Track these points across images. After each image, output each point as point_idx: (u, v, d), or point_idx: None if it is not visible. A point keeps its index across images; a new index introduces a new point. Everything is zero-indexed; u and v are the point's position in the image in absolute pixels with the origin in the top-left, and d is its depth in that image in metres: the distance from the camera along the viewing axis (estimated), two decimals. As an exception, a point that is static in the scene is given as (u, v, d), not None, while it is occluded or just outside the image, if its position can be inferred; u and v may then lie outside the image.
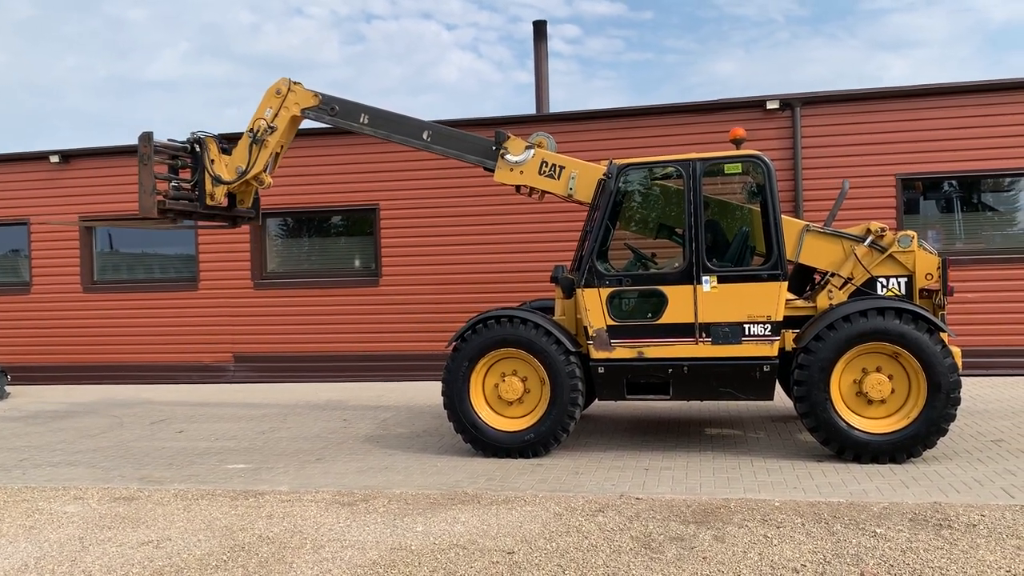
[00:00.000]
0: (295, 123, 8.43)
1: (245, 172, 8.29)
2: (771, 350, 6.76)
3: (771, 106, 11.47)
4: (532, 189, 7.89)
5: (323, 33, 60.06)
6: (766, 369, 6.75)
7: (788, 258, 6.93)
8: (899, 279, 7.01)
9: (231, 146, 8.47)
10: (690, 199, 6.92)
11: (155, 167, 8.00)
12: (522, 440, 7.10)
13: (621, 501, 5.73)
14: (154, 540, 5.28)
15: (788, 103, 11.47)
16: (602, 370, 7.08)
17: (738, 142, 7.36)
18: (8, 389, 12.79)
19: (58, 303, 14.02)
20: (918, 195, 11.51)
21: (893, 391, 6.49)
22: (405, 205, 12.69)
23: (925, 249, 7.04)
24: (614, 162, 7.28)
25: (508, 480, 6.46)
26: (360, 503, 5.95)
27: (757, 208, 7.54)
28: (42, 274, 14.11)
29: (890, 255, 7.00)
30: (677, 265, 7.07)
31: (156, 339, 13.62)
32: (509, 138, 7.79)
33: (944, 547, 4.59)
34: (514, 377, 7.20)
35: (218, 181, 8.34)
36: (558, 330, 7.08)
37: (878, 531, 4.89)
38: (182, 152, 8.36)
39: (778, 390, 7.81)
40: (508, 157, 7.76)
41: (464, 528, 5.27)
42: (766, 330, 6.74)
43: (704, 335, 6.84)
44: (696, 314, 6.84)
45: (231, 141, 8.58)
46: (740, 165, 7.17)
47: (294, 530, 5.36)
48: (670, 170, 7.36)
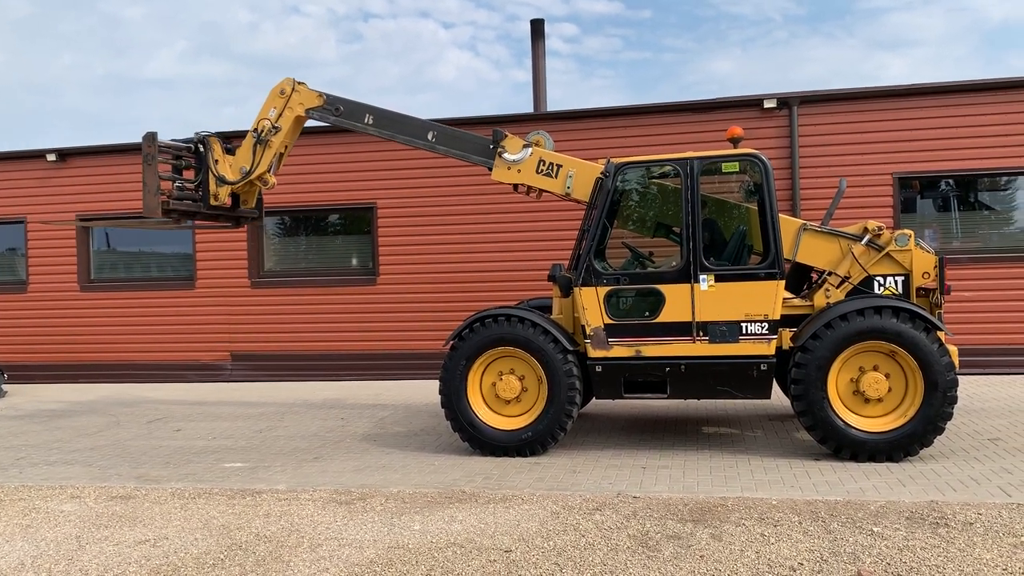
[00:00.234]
0: (299, 123, 8.40)
1: (249, 172, 8.25)
2: (768, 349, 6.76)
3: (768, 105, 11.47)
4: (530, 188, 7.88)
5: (321, 32, 60.02)
6: (763, 368, 6.76)
7: (785, 257, 6.94)
8: (896, 278, 7.02)
9: (235, 146, 8.45)
10: (688, 198, 6.92)
11: (159, 167, 7.97)
12: (519, 439, 7.11)
13: (618, 500, 5.73)
14: (151, 539, 5.27)
15: (785, 102, 11.47)
16: (599, 369, 7.08)
17: (736, 141, 7.36)
18: (5, 388, 12.78)
19: (55, 302, 14.00)
20: (915, 194, 11.52)
21: (890, 390, 6.50)
22: (402, 204, 12.68)
23: (922, 248, 7.04)
24: (612, 161, 7.28)
25: (505, 479, 6.46)
26: (357, 502, 5.94)
27: (754, 207, 7.55)
28: (39, 273, 14.08)
29: (887, 254, 7.01)
30: (675, 264, 7.07)
31: (153, 338, 13.61)
32: (507, 137, 7.78)
33: (941, 545, 4.60)
34: (511, 376, 7.20)
35: (222, 181, 8.30)
36: (555, 329, 7.08)
37: (875, 529, 4.90)
38: (186, 152, 8.33)
39: (775, 389, 7.82)
40: (506, 156, 7.75)
41: (461, 527, 5.27)
42: (763, 329, 6.75)
43: (701, 334, 6.84)
44: (693, 313, 6.85)
45: (230, 139, 8.57)
46: (738, 164, 7.18)
47: (291, 529, 5.36)
48: (668, 169, 7.36)
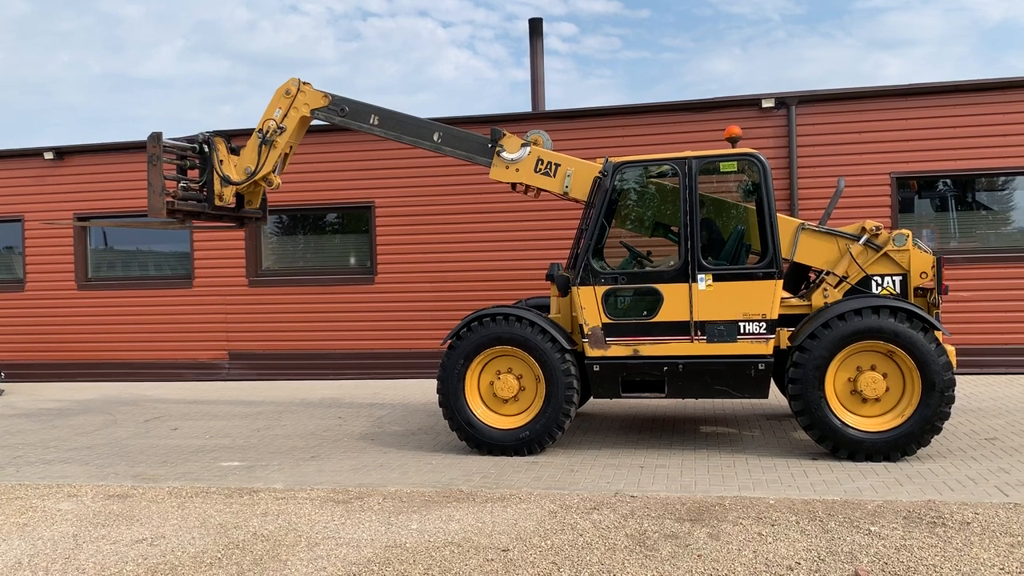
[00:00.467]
0: (304, 124, 8.38)
1: (254, 173, 8.24)
2: (766, 348, 6.76)
3: (767, 104, 11.47)
4: (528, 187, 7.87)
5: (319, 30, 59.98)
6: (761, 367, 6.76)
7: (783, 256, 6.94)
8: (894, 278, 7.03)
9: (239, 146, 8.43)
10: (686, 197, 6.92)
11: (163, 167, 7.95)
12: (517, 438, 7.10)
13: (616, 499, 5.73)
14: (148, 538, 5.27)
15: (784, 101, 11.47)
16: (597, 368, 7.08)
17: (734, 140, 7.37)
18: (2, 386, 12.78)
19: (52, 300, 13.97)
20: (913, 194, 11.53)
21: (888, 389, 6.51)
22: (400, 203, 12.67)
23: (920, 248, 7.05)
24: (610, 160, 7.28)
25: (503, 478, 6.46)
26: (355, 501, 5.94)
27: (752, 206, 7.56)
28: (36, 271, 14.05)
29: (885, 254, 7.01)
30: (673, 263, 7.07)
31: (151, 336, 13.58)
32: (505, 136, 7.77)
33: (938, 545, 4.61)
34: (509, 375, 7.19)
35: (227, 182, 8.28)
36: (553, 328, 7.07)
37: (872, 529, 4.90)
38: (191, 152, 8.31)
39: (773, 388, 7.83)
40: (504, 155, 7.74)
41: (459, 526, 5.27)
42: (761, 328, 6.75)
43: (699, 333, 6.84)
44: (691, 312, 6.85)
45: (231, 138, 8.54)
46: (736, 163, 7.18)
47: (288, 528, 5.35)
48: (666, 168, 7.36)
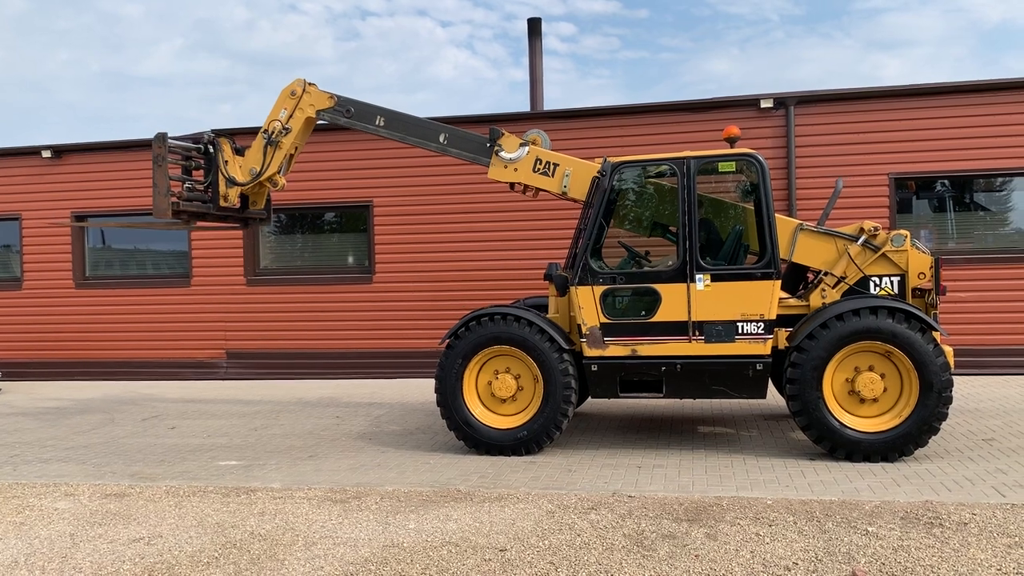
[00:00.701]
0: (310, 125, 8.36)
1: (259, 174, 8.23)
2: (764, 348, 6.76)
3: (765, 105, 11.48)
4: (526, 187, 7.87)
5: (318, 30, 59.94)
6: (759, 367, 6.76)
7: (782, 257, 6.94)
8: (892, 278, 7.03)
9: (244, 146, 8.41)
10: (684, 197, 6.92)
11: (168, 168, 7.92)
12: (515, 438, 7.10)
13: (614, 499, 5.73)
14: (145, 537, 5.26)
15: (782, 102, 11.48)
16: (595, 368, 7.08)
17: (732, 140, 7.37)
18: (0, 385, 12.77)
19: (50, 299, 13.95)
20: (911, 194, 11.54)
21: (885, 390, 6.51)
22: (398, 202, 12.66)
23: (918, 248, 7.06)
24: (608, 160, 7.28)
25: (501, 478, 6.46)
26: (352, 500, 5.94)
27: (751, 206, 7.56)
28: (34, 270, 14.03)
29: (883, 254, 7.02)
30: (671, 263, 7.06)
31: (148, 335, 13.57)
32: (504, 135, 7.77)
33: (935, 545, 4.61)
34: (507, 375, 7.19)
35: (232, 182, 8.26)
36: (552, 328, 7.07)
37: (870, 529, 4.90)
38: (196, 153, 8.29)
39: (771, 388, 7.83)
40: (502, 154, 7.74)
41: (457, 525, 5.26)
42: (759, 328, 6.75)
43: (697, 333, 6.84)
44: (690, 312, 6.85)
45: (234, 136, 8.53)
46: (734, 163, 7.18)
47: (286, 527, 5.35)
48: (664, 168, 7.36)
